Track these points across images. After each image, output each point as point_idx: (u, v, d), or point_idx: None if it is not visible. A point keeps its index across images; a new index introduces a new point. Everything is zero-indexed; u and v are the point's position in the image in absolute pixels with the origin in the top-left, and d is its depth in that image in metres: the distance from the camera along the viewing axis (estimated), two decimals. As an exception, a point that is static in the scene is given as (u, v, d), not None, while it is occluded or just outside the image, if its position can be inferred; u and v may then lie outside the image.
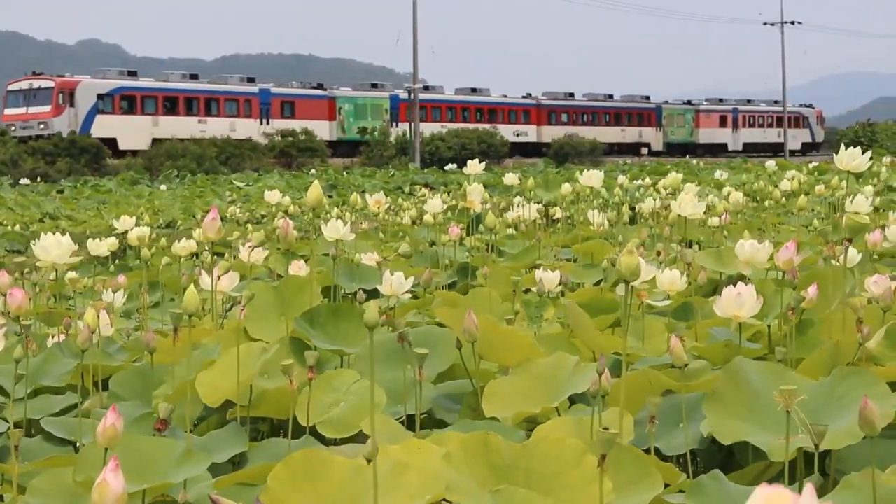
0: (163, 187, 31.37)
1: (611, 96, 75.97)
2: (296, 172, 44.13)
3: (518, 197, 10.68)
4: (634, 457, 2.52)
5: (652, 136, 73.22)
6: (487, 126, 62.13)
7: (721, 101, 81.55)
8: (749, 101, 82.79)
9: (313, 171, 43.66)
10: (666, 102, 77.38)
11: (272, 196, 8.54)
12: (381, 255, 6.50)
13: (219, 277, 4.11)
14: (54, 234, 4.07)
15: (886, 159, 19.53)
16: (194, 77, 58.38)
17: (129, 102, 53.19)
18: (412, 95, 57.65)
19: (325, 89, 61.88)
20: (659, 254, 5.95)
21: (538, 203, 9.97)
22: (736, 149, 74.66)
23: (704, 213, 8.22)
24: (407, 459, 2.48)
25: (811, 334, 3.77)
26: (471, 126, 61.87)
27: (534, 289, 4.69)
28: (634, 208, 10.33)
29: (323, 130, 58.32)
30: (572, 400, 3.43)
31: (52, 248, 3.94)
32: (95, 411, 3.42)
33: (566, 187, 8.93)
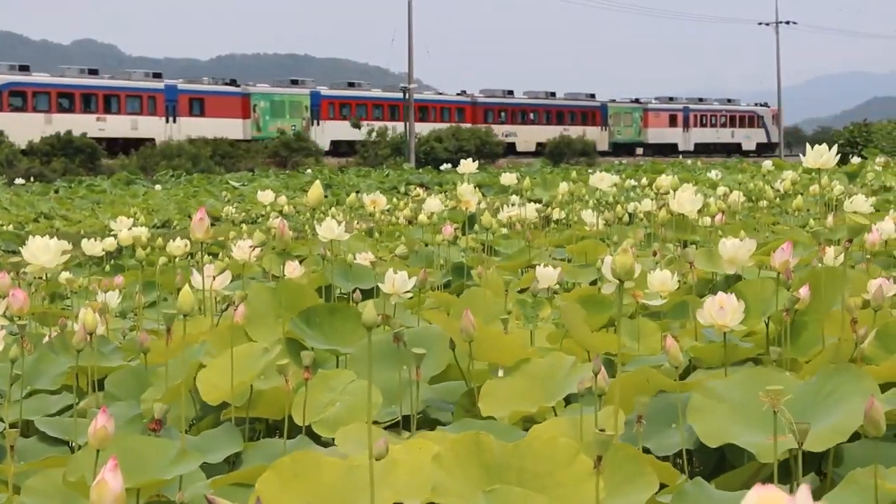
0: (157, 187, 31.33)
1: (553, 94, 73.54)
2: (290, 172, 44.10)
3: (513, 196, 10.68)
4: (630, 456, 2.52)
5: (597, 135, 70.60)
6: (417, 124, 59.61)
7: (671, 99, 79.53)
8: (701, 100, 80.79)
9: (309, 170, 43.64)
10: (613, 101, 75.42)
11: (265, 196, 8.54)
12: (376, 255, 6.51)
13: (213, 277, 4.11)
14: (49, 235, 4.04)
15: (880, 159, 19.56)
16: (94, 72, 55.62)
17: (20, 98, 50.81)
18: (407, 95, 57.52)
19: (238, 85, 59.36)
20: (655, 253, 5.97)
21: (535, 202, 9.97)
22: (687, 149, 73.01)
23: (699, 212, 8.23)
24: (398, 459, 2.49)
25: (806, 335, 3.77)
26: (400, 125, 59.59)
27: (530, 289, 4.70)
28: (629, 208, 10.33)
29: (236, 129, 56.01)
30: (569, 400, 3.43)
31: (41, 252, 3.81)
32: (91, 411, 3.42)
33: (563, 187, 8.94)
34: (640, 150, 71.48)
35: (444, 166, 36.97)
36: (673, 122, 75.67)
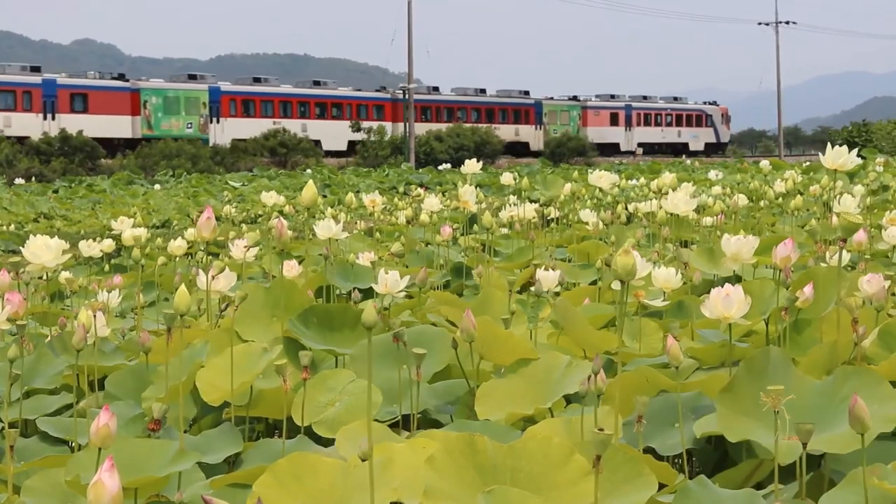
0: (157, 187, 31.33)
1: (483, 91, 69.21)
2: (290, 172, 44.11)
3: (513, 196, 10.69)
4: (627, 457, 2.52)
5: (531, 134, 66.50)
6: (330, 122, 57.86)
7: (613, 97, 74.91)
8: (645, 98, 76.29)
9: (308, 170, 43.64)
10: (551, 98, 71.37)
11: (269, 197, 8.54)
12: (376, 255, 6.50)
13: (213, 277, 4.10)
14: (49, 235, 4.04)
15: (880, 159, 19.56)
16: None
17: None
18: (406, 95, 57.47)
19: (127, 80, 55.06)
20: (655, 253, 5.96)
21: (535, 202, 9.97)
22: (629, 149, 69.85)
23: (698, 212, 8.23)
24: (396, 459, 2.49)
25: (805, 334, 3.77)
26: (318, 122, 57.63)
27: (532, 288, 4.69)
28: (629, 208, 10.33)
29: (123, 127, 52.41)
30: (568, 400, 3.43)
31: (42, 252, 3.86)
32: (91, 411, 3.42)
33: (567, 187, 8.93)
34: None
35: (444, 166, 37.00)
36: (614, 120, 71.76)
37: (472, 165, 7.29)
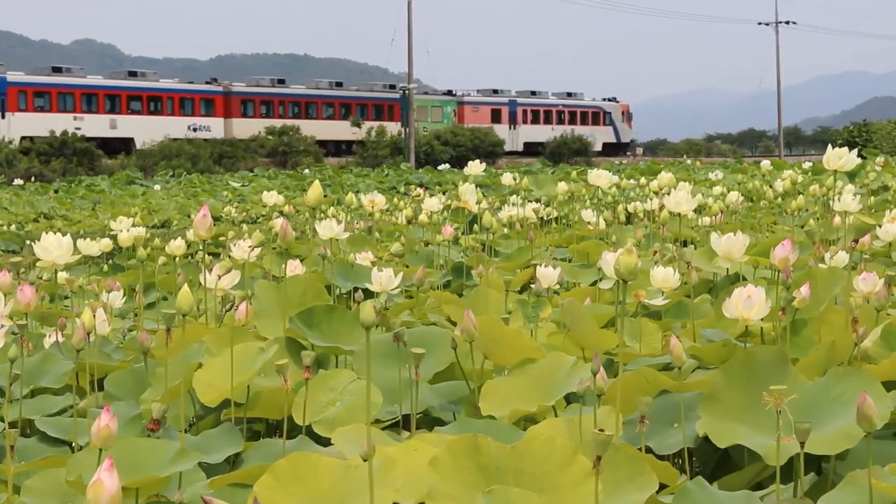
0: (157, 187, 31.33)
1: (339, 84, 63.68)
2: (290, 172, 44.11)
3: (513, 196, 10.69)
4: (628, 456, 2.52)
5: (396, 131, 59.49)
6: (147, 118, 52.16)
7: (496, 91, 67.91)
8: (534, 93, 69.60)
9: (308, 170, 43.64)
10: (425, 93, 65.93)
11: (270, 197, 8.54)
12: (376, 255, 6.50)
13: (219, 277, 4.11)
14: (53, 234, 4.09)
15: (879, 159, 19.57)
16: None
17: None
18: (406, 94, 57.34)
19: None
20: (655, 253, 5.97)
21: (534, 202, 9.97)
22: (515, 149, 63.52)
23: (698, 213, 8.24)
24: (396, 459, 2.49)
25: (804, 334, 3.77)
26: (132, 117, 52.06)
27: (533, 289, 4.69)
28: (628, 208, 10.34)
29: None
30: (570, 400, 3.43)
31: (54, 248, 3.97)
32: (91, 411, 3.42)
33: (561, 186, 8.94)
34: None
35: (443, 166, 37.01)
36: (496, 117, 64.62)
37: (475, 167, 7.29)
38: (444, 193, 17.43)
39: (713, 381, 2.93)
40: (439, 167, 38.25)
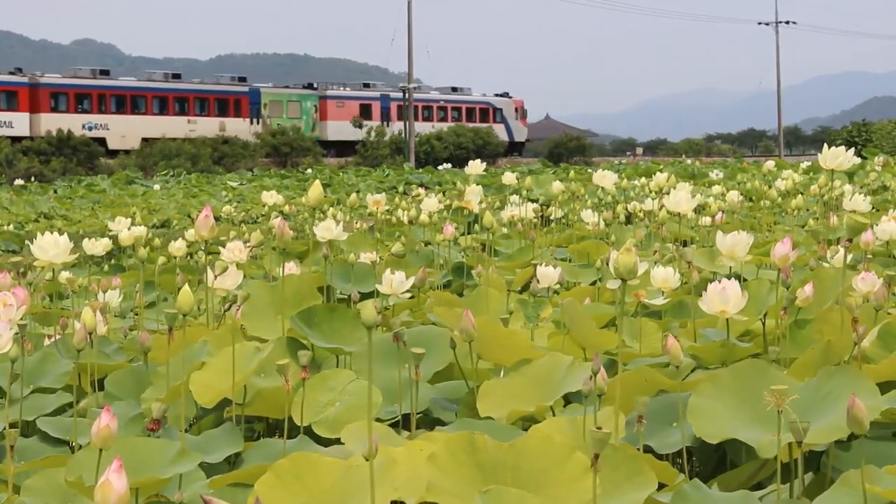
0: (157, 187, 31.32)
1: (178, 76, 57.61)
2: (290, 172, 44.10)
3: (514, 196, 10.69)
4: (627, 455, 2.53)
5: (244, 130, 54.48)
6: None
7: (367, 86, 63.69)
8: (415, 88, 61.05)
9: (308, 170, 43.63)
10: (273, 86, 60.61)
11: (269, 197, 8.54)
12: (377, 255, 6.50)
13: (215, 277, 4.10)
14: (50, 233, 4.08)
15: (879, 159, 19.56)
16: None
17: None
18: (406, 94, 57.32)
19: None
20: (655, 252, 5.97)
21: (535, 202, 9.97)
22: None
23: (698, 212, 8.23)
24: (397, 459, 2.49)
25: (805, 334, 3.78)
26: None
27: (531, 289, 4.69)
28: (628, 208, 10.34)
29: None
30: (569, 399, 3.44)
31: (50, 247, 3.95)
32: (91, 411, 3.42)
33: (558, 185, 8.94)
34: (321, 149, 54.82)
35: (443, 166, 37.01)
36: (366, 113, 59.19)
37: (476, 167, 7.29)
38: (443, 193, 17.43)
39: (702, 388, 2.93)
40: (439, 167, 38.26)
